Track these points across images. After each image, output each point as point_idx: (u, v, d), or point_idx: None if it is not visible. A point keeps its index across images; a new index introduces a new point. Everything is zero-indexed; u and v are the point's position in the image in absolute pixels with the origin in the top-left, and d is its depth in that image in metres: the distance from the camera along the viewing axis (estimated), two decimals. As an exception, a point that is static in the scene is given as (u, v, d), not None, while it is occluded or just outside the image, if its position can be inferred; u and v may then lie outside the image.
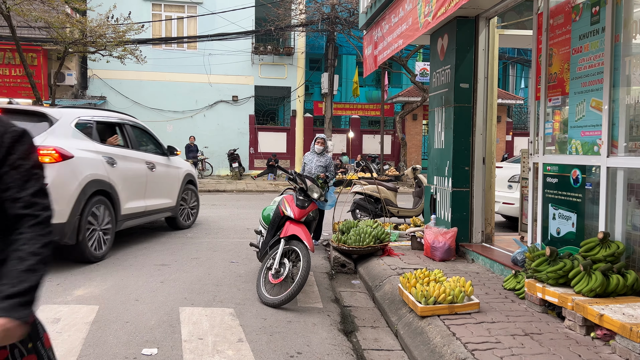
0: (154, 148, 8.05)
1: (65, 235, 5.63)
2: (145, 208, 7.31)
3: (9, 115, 5.62)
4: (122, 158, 6.76)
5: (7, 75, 19.62)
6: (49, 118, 5.92)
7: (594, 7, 4.32)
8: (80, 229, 5.79)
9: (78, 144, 5.99)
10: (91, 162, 6.07)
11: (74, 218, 5.71)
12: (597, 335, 3.44)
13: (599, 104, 4.24)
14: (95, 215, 6.12)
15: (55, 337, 3.77)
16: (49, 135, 5.71)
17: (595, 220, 4.27)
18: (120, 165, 6.62)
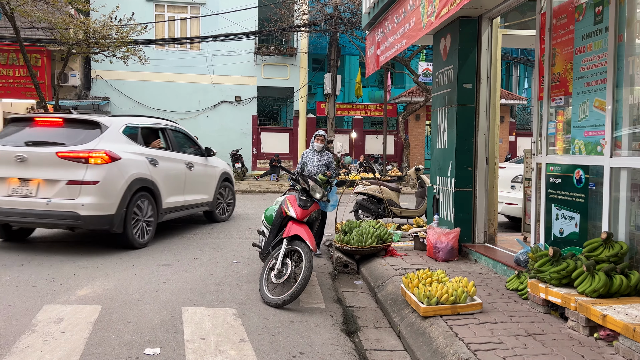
0: (193, 149, 8.84)
1: (114, 224, 6.49)
2: (184, 202, 8.11)
3: (69, 123, 6.76)
4: (163, 159, 7.52)
5: (11, 75, 19.68)
6: (101, 125, 6.70)
7: (597, 6, 4.31)
8: (126, 219, 6.64)
9: (125, 147, 6.79)
10: (136, 163, 6.86)
11: (121, 210, 6.54)
12: (600, 336, 3.43)
13: (602, 104, 4.22)
14: (140, 208, 6.94)
15: (58, 336, 3.78)
16: (101, 141, 6.50)
17: (599, 221, 4.26)
18: (161, 165, 7.39)
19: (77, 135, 6.54)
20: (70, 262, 6.09)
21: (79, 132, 6.61)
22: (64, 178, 6.22)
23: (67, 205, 6.20)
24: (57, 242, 7.28)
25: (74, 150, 6.29)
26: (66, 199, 6.22)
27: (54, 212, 6.21)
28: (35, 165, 6.30)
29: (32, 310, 4.32)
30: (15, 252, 6.58)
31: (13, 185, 6.36)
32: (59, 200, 6.22)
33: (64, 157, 6.24)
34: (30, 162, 6.30)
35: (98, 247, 7.03)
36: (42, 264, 5.99)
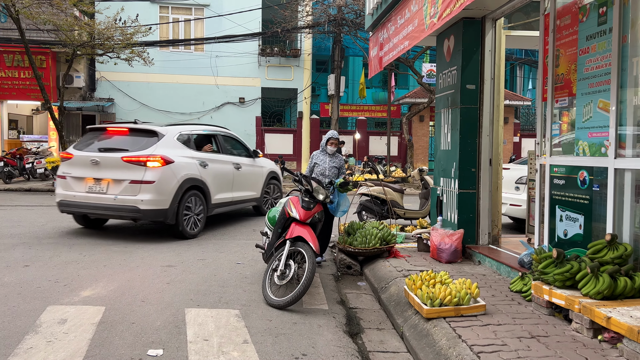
0: (243, 152, 9.86)
1: (168, 217, 7.55)
2: (232, 199, 9.08)
3: (132, 132, 7.94)
4: (212, 161, 8.53)
5: (17, 77, 19.79)
6: (158, 134, 7.80)
7: (601, 7, 4.29)
8: (178, 213, 7.65)
9: (178, 152, 7.85)
10: (187, 165, 7.88)
11: (174, 205, 7.57)
12: (605, 338, 3.41)
13: (606, 105, 4.21)
14: (191, 204, 7.92)
15: (61, 337, 3.79)
16: (157, 147, 7.59)
17: (603, 222, 4.24)
18: (211, 167, 8.39)
19: (139, 143, 7.70)
20: (74, 264, 6.11)
21: (141, 139, 7.77)
22: (127, 178, 7.36)
23: (130, 201, 7.36)
24: (61, 245, 7.31)
25: (136, 155, 7.46)
26: (129, 195, 7.37)
27: (119, 206, 7.39)
28: (106, 167, 7.53)
29: (36, 311, 4.34)
30: (20, 252, 6.61)
31: (89, 183, 7.64)
32: (123, 197, 7.37)
33: (127, 161, 7.43)
34: (102, 165, 7.54)
35: (102, 248, 7.06)
36: (46, 265, 6.02)
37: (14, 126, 21.69)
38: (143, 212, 7.37)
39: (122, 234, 8.21)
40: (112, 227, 8.82)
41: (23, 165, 17.11)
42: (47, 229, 8.51)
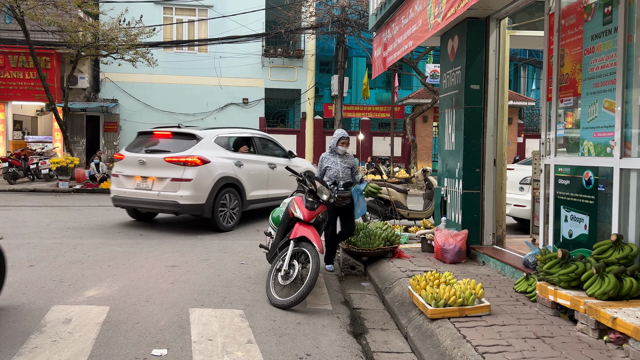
0: (279, 153, 10.59)
1: (204, 211, 8.32)
2: (266, 196, 9.71)
3: (175, 135, 8.79)
4: (247, 161, 9.26)
5: (21, 78, 19.87)
6: (197, 137, 8.64)
7: (606, 7, 4.28)
8: (214, 208, 8.41)
9: (215, 153, 8.63)
10: (223, 165, 8.65)
11: (210, 200, 8.33)
12: (610, 339, 3.39)
13: (611, 105, 4.19)
14: (226, 200, 8.69)
15: (66, 337, 3.80)
16: (196, 149, 8.41)
17: (608, 223, 4.22)
18: (245, 166, 9.10)
19: (180, 145, 8.54)
20: (79, 264, 6.13)
21: (182, 142, 8.62)
22: (169, 176, 8.19)
23: (171, 196, 8.16)
24: (65, 245, 7.33)
25: (176, 156, 8.30)
26: (170, 191, 8.18)
27: (162, 201, 8.22)
28: (151, 167, 8.41)
29: (41, 311, 4.35)
30: (25, 252, 6.63)
31: (137, 181, 8.54)
32: (165, 192, 8.20)
33: (169, 161, 8.28)
34: (148, 165, 8.44)
35: (106, 249, 7.07)
36: (50, 265, 6.04)
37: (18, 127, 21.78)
38: (182, 206, 8.19)
39: (127, 234, 8.23)
40: (116, 227, 8.84)
41: (28, 166, 17.17)
42: (52, 229, 8.54)
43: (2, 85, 19.72)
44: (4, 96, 19.87)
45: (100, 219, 9.79)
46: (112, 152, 21.49)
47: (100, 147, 21.27)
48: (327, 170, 6.17)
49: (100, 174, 16.17)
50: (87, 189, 15.51)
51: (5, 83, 19.75)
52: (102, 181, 15.91)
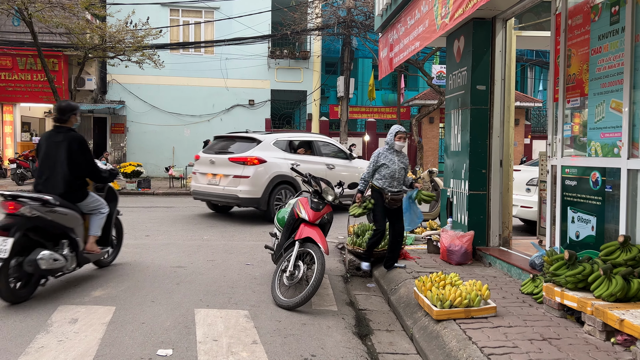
0: (341, 155, 11.54)
1: (260, 204, 9.62)
2: None
3: (240, 139, 10.36)
4: (304, 161, 10.21)
5: (29, 80, 20.01)
6: (257, 140, 10.05)
7: (613, 6, 4.25)
8: (269, 201, 9.62)
9: (272, 154, 9.92)
10: (278, 164, 9.83)
11: (265, 195, 9.59)
12: (618, 341, 3.37)
13: (619, 105, 4.16)
14: (281, 195, 9.84)
15: (72, 337, 3.82)
16: (255, 150, 9.81)
17: (616, 224, 4.19)
18: (302, 166, 9.70)
19: (243, 147, 9.99)
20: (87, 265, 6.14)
21: (245, 144, 10.07)
22: (232, 173, 9.50)
23: (233, 191, 9.53)
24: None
25: (238, 156, 9.75)
26: (232, 186, 9.55)
27: (226, 194, 9.66)
28: (219, 165, 9.93)
29: (47, 311, 4.37)
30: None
31: (209, 177, 10.06)
32: (229, 187, 9.58)
33: (232, 160, 9.74)
34: (216, 164, 9.98)
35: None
36: (57, 265, 6.06)
37: (26, 128, 21.94)
38: (241, 199, 9.51)
39: (133, 235, 8.26)
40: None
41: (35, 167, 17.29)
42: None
43: (10, 87, 19.87)
44: (12, 98, 20.02)
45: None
46: (118, 154, 21.60)
47: (107, 148, 21.38)
48: (383, 168, 5.62)
49: (107, 175, 16.23)
50: (94, 190, 15.57)
51: (13, 85, 19.90)
52: (109, 182, 15.98)
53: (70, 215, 4.94)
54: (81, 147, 5.12)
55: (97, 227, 5.31)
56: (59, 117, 5.17)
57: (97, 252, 5.41)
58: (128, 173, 15.91)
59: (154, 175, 20.46)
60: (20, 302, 4.54)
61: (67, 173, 4.99)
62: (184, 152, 21.24)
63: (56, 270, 4.80)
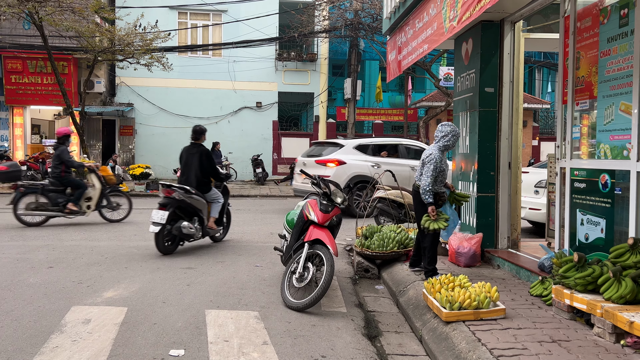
0: None
1: None
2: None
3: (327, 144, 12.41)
4: (385, 164, 11.12)
5: (39, 83, 20.19)
6: (340, 145, 11.78)
7: (622, 9, 4.26)
8: (348, 199, 9.43)
9: (352, 157, 11.44)
10: (358, 166, 11.32)
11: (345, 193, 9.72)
12: (628, 343, 3.37)
13: (628, 108, 4.16)
14: (362, 193, 10.83)
15: (86, 337, 3.87)
16: (337, 153, 11.46)
17: (625, 226, 4.19)
18: (383, 167, 10.53)
19: (329, 151, 11.74)
20: (96, 265, 6.23)
21: (330, 149, 11.80)
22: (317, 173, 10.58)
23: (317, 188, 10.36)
24: (82, 247, 7.45)
25: (322, 159, 11.45)
26: None
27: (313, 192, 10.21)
28: (309, 166, 11.44)
29: (61, 311, 4.44)
30: (44, 254, 6.75)
31: (303, 177, 11.02)
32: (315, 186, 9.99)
33: (318, 162, 11.39)
34: (307, 165, 11.63)
35: (123, 251, 7.17)
36: (69, 266, 6.14)
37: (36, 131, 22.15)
38: None
39: (142, 236, 8.33)
40: (132, 230, 8.95)
41: (45, 169, 17.43)
42: (70, 231, 8.68)
43: (20, 90, 20.07)
44: (22, 100, 20.21)
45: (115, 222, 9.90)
46: (127, 156, 21.73)
47: (115, 150, 21.53)
48: (442, 173, 5.34)
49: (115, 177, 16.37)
50: (103, 192, 15.69)
51: (24, 88, 20.08)
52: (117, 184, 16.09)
53: (201, 201, 7.14)
54: (207, 157, 7.40)
55: (215, 211, 7.44)
56: (194, 136, 7.59)
57: (215, 228, 7.54)
58: (137, 175, 16.02)
59: (162, 177, 20.57)
60: (168, 254, 6.84)
61: (199, 174, 7.26)
62: (192, 154, 21.31)
63: (190, 236, 7.01)
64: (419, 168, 5.49)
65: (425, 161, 5.32)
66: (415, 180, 5.54)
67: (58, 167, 9.13)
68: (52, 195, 9.06)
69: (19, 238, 7.93)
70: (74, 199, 9.16)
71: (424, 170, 5.30)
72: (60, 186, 9.16)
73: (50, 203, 9.04)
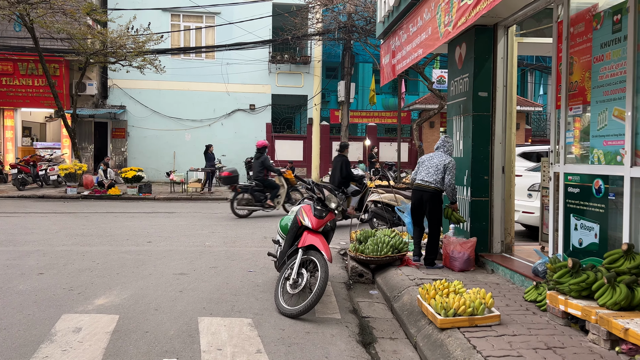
0: None
1: None
2: None
3: None
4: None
5: (31, 85, 20.05)
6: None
7: (615, 15, 4.27)
8: None
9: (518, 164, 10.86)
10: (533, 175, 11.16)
11: None
12: (622, 350, 3.36)
13: (621, 113, 4.17)
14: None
15: (76, 346, 3.81)
16: None
17: (619, 231, 4.19)
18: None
19: None
20: (88, 271, 6.16)
21: None
22: None
23: None
24: (74, 252, 7.37)
25: None
26: None
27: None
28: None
29: (51, 320, 4.37)
30: (34, 260, 6.68)
31: None
32: None
33: None
34: None
35: (114, 256, 7.10)
36: (60, 272, 6.07)
37: (27, 133, 21.97)
38: None
39: (135, 241, 8.27)
40: (124, 234, 8.88)
41: (36, 172, 17.30)
42: (61, 236, 8.59)
43: (11, 92, 19.91)
44: (13, 103, 20.05)
45: (108, 226, 9.84)
46: (119, 159, 21.61)
47: (108, 153, 21.40)
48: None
49: (108, 180, 16.26)
50: (95, 195, 15.61)
51: (14, 90, 19.94)
52: (110, 187, 16.00)
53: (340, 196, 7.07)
54: (346, 164, 9.54)
55: (354, 202, 9.88)
56: (340, 149, 9.89)
57: (354, 214, 9.56)
58: (129, 178, 15.93)
59: (155, 180, 20.47)
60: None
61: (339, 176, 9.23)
62: (184, 156, 21.27)
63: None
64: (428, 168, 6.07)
65: (448, 167, 5.97)
66: (430, 183, 6.00)
67: (261, 171, 11.61)
68: (256, 194, 11.50)
69: (9, 243, 7.84)
70: (271, 197, 11.63)
71: (449, 176, 5.95)
72: (262, 187, 11.57)
73: (254, 200, 11.48)
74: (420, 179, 6.09)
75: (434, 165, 6.01)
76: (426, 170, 6.07)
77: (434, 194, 5.99)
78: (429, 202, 6.03)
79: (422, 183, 6.06)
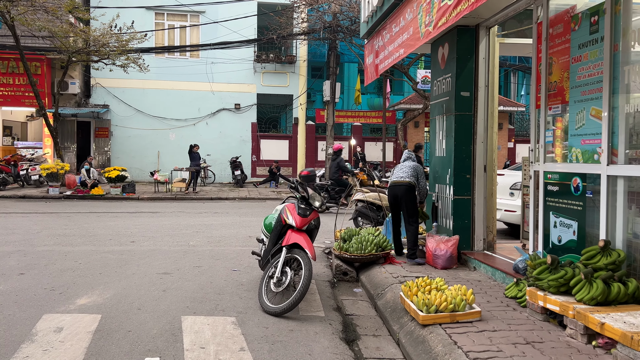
0: None
1: None
2: None
3: None
4: None
5: (11, 84, 19.75)
6: None
7: (592, 16, 4.35)
8: None
9: None
10: None
11: None
12: (599, 344, 3.44)
13: (598, 113, 4.26)
14: None
15: (57, 346, 3.79)
16: None
17: (596, 229, 4.28)
18: None
19: None
20: (70, 271, 6.10)
21: None
22: None
23: None
24: (56, 252, 7.30)
25: None
26: None
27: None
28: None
29: (32, 320, 4.33)
30: (15, 260, 6.59)
31: None
32: None
33: None
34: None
35: (97, 256, 7.04)
36: (41, 272, 6.00)
37: (8, 133, 21.61)
38: None
39: (118, 241, 8.20)
40: (108, 234, 8.80)
41: (17, 172, 17.05)
42: (42, 236, 8.49)
43: (-9, 91, 19.59)
44: (-7, 102, 19.74)
45: (91, 226, 9.74)
46: (103, 158, 21.39)
47: (91, 152, 21.16)
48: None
49: (91, 180, 16.09)
50: (77, 195, 15.44)
51: (-5, 88, 19.62)
52: (93, 187, 15.84)
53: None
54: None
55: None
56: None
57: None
58: (112, 178, 15.79)
59: (138, 180, 20.30)
60: None
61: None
62: (169, 156, 21.13)
63: None
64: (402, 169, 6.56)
65: (418, 171, 6.55)
66: (404, 178, 6.42)
67: (337, 172, 12.75)
68: (332, 192, 12.48)
69: (-11, 244, 7.72)
70: (345, 195, 12.19)
71: (423, 181, 6.52)
72: (337, 186, 12.56)
73: (329, 197, 12.40)
74: (395, 177, 6.54)
75: (407, 167, 6.57)
76: (401, 171, 6.56)
77: (408, 188, 6.34)
78: (404, 196, 6.34)
79: (397, 179, 6.49)
